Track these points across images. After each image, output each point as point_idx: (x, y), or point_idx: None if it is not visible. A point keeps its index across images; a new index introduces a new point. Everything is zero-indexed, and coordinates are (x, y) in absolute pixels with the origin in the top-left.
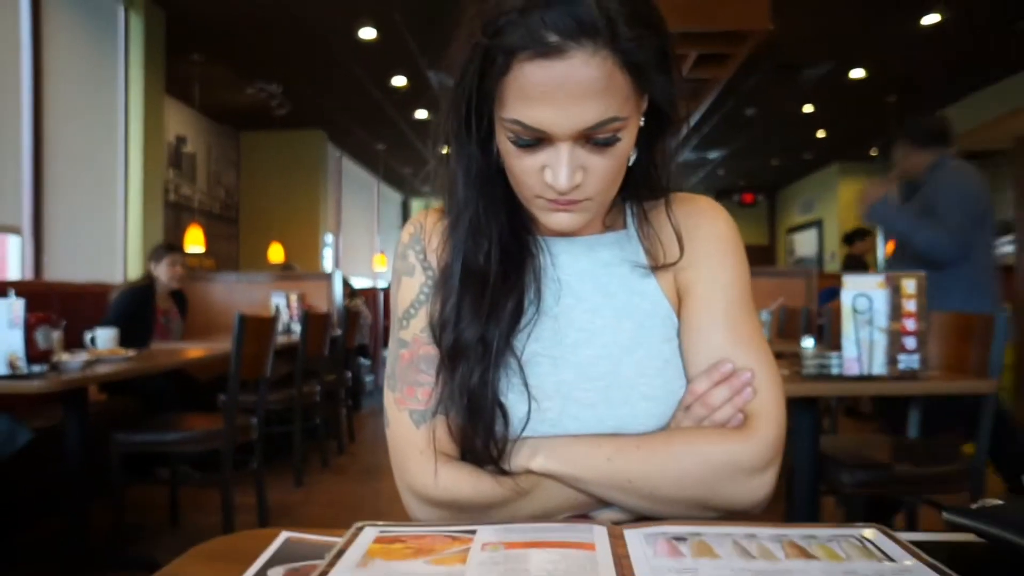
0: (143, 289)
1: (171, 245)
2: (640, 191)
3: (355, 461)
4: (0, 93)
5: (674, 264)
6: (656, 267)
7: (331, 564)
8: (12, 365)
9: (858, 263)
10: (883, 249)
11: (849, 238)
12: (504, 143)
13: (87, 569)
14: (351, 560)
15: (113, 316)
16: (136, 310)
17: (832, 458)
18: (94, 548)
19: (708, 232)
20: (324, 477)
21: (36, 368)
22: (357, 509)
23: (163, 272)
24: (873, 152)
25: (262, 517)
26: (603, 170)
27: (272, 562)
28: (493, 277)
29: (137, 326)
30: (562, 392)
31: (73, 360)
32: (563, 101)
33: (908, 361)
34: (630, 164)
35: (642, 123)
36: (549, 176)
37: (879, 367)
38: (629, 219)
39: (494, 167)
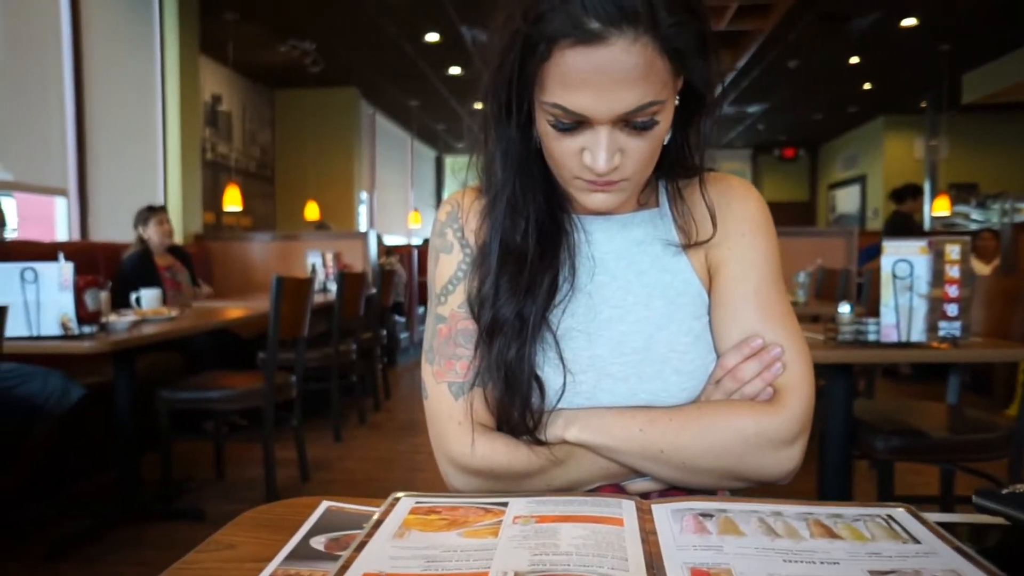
0: (139, 254)
1: (153, 206)
2: (674, 169)
3: (391, 417)
4: (42, 60)
5: (706, 242)
6: (688, 245)
7: (369, 535)
8: (64, 326)
9: (906, 222)
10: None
11: (898, 195)
12: (544, 126)
13: (138, 519)
14: (388, 531)
15: (121, 288)
16: (140, 275)
17: (866, 423)
18: (145, 499)
19: (740, 211)
20: (361, 433)
21: (86, 329)
22: (394, 464)
23: (153, 233)
24: (923, 104)
25: (303, 471)
26: (640, 152)
27: (314, 531)
28: (530, 255)
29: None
30: (596, 366)
31: (120, 321)
32: (604, 87)
33: (949, 328)
34: (665, 143)
35: (677, 102)
36: (588, 158)
37: (918, 334)
38: (663, 197)
39: (532, 149)
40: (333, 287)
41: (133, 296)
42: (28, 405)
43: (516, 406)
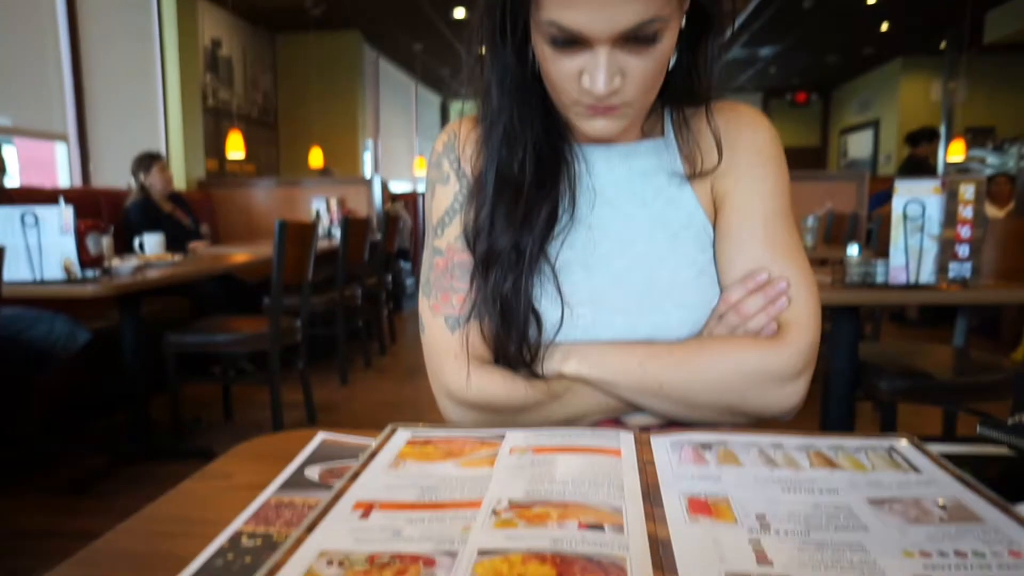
0: (143, 201)
1: (152, 153)
2: (680, 96)
3: (396, 361)
4: (36, 3)
5: (712, 171)
6: (693, 175)
7: (365, 464)
8: (67, 270)
9: (921, 166)
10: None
11: (913, 138)
12: (540, 47)
13: (151, 457)
14: (384, 461)
15: (127, 235)
16: (146, 221)
17: (871, 365)
18: (156, 440)
19: (750, 141)
20: (367, 376)
21: (90, 273)
22: (399, 406)
23: (156, 180)
24: (942, 46)
25: (309, 413)
26: (642, 73)
27: (309, 462)
28: (527, 185)
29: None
30: (595, 299)
31: (124, 265)
32: (602, 2)
33: (959, 270)
34: (670, 68)
35: (683, 25)
36: (587, 81)
37: (927, 275)
38: (668, 126)
39: (529, 74)
40: (337, 233)
41: (136, 241)
42: (36, 348)
43: (513, 340)
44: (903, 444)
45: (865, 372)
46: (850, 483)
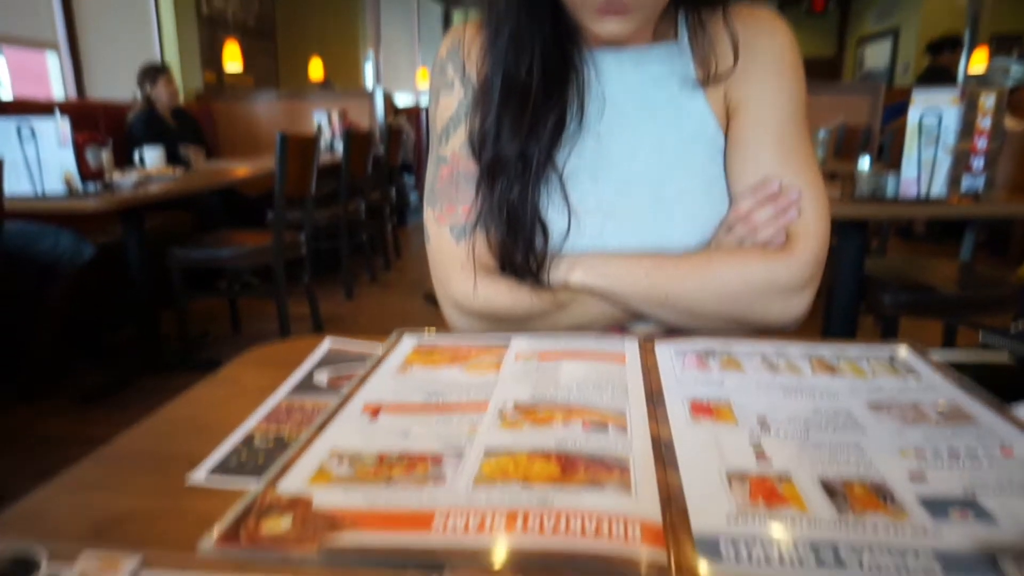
0: (148, 113)
1: (157, 65)
2: None
3: (401, 276)
4: None
5: (726, 77)
6: (707, 81)
7: (372, 370)
8: (68, 184)
9: (941, 76)
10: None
11: (935, 47)
12: None
13: (160, 370)
14: (391, 366)
15: (130, 148)
16: (151, 134)
17: (875, 279)
18: (165, 353)
19: (766, 47)
20: (372, 290)
21: (91, 187)
22: (404, 319)
23: (162, 92)
24: None
25: (316, 326)
26: None
27: (318, 366)
28: (535, 92)
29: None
30: (603, 208)
31: (125, 179)
32: None
33: (972, 183)
34: None
35: None
36: None
37: (939, 189)
38: (682, 29)
39: None
40: (340, 147)
41: (136, 154)
42: (42, 263)
43: (519, 249)
44: (904, 351)
45: (869, 286)
46: (850, 388)
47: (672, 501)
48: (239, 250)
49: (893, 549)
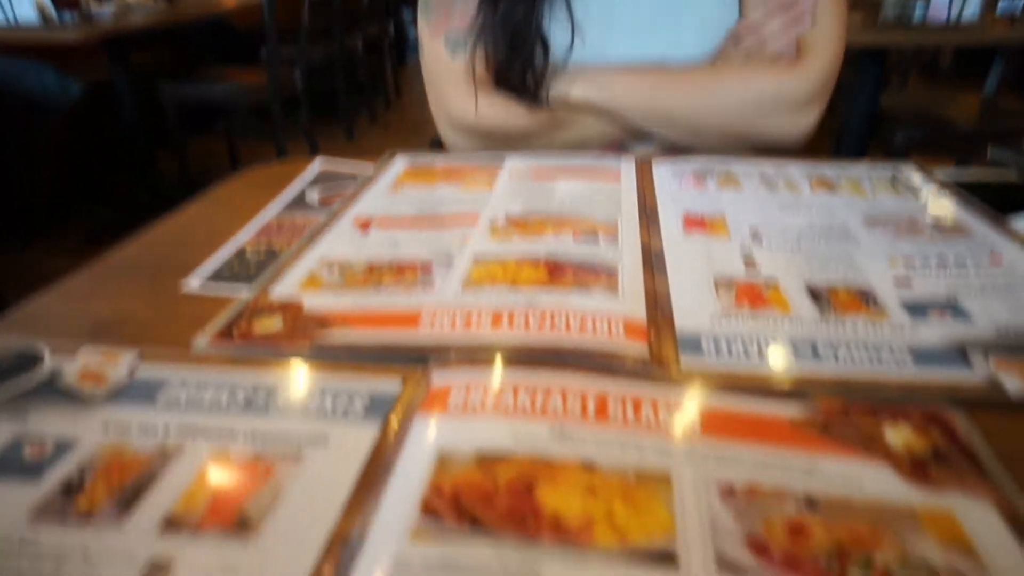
0: None
1: None
2: None
3: (402, 117)
4: None
5: None
6: None
7: (364, 187)
8: (41, 12)
9: None
10: None
11: None
12: None
13: (162, 207)
14: (383, 185)
15: None
16: None
17: (889, 114)
18: (164, 191)
19: None
20: (373, 131)
21: (67, 17)
22: None
23: None
24: None
25: None
26: None
27: (309, 186)
28: None
29: None
30: (606, 19)
31: (103, 8)
32: None
33: (1010, 4)
34: None
35: None
36: None
37: (972, 11)
38: None
39: None
40: None
41: None
42: (29, 101)
43: (518, 66)
44: (908, 169)
45: (882, 122)
46: (848, 205)
47: (658, 303)
48: (234, 88)
49: (869, 344)
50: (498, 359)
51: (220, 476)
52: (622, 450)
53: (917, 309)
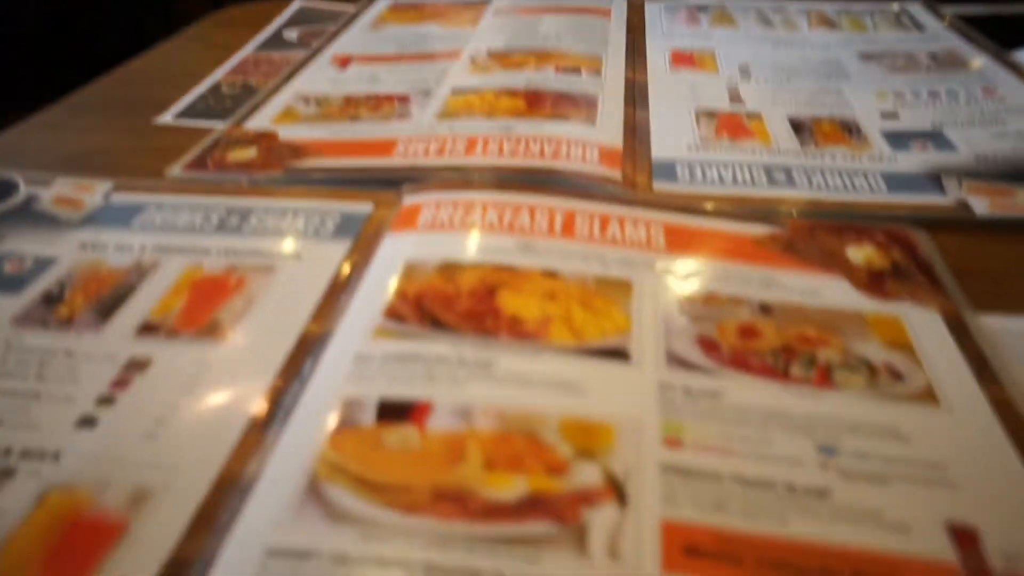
0: None
1: None
2: None
3: None
4: None
5: None
6: None
7: (345, 26)
8: None
9: None
10: None
11: None
12: None
13: None
14: (364, 23)
15: None
16: None
17: None
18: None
19: None
20: None
21: None
22: None
23: None
24: None
25: None
26: None
27: (288, 24)
28: None
29: None
30: None
31: None
32: None
33: None
34: None
35: None
36: None
37: None
38: None
39: None
40: None
41: None
42: None
43: None
44: (915, 6)
45: None
46: (845, 40)
47: (636, 133)
48: None
49: (845, 172)
50: (470, 180)
51: (194, 286)
52: (585, 261)
53: (900, 140)
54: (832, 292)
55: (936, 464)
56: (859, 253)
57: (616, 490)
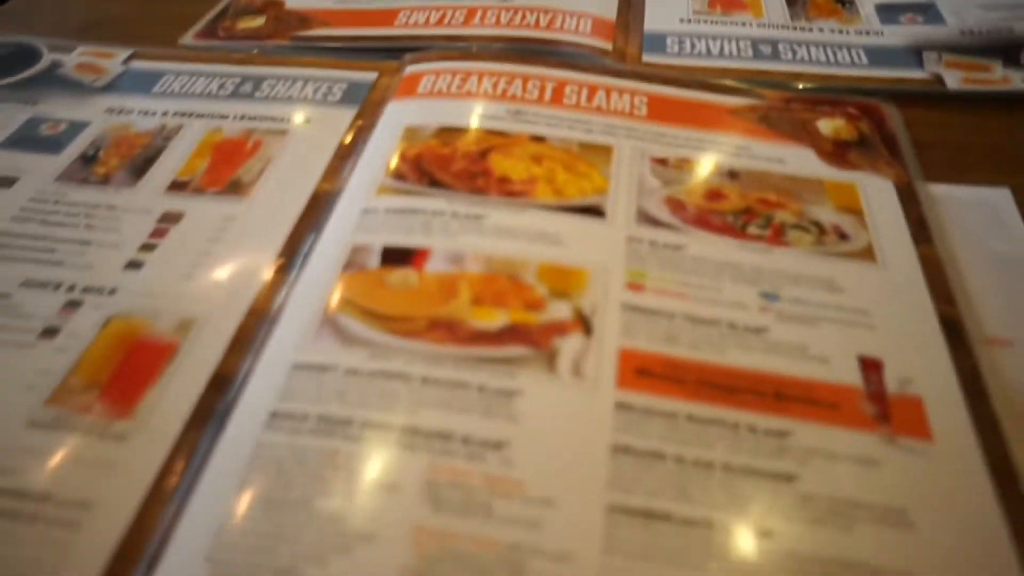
0: None
1: None
2: None
3: None
4: None
5: None
6: None
7: None
8: None
9: None
10: None
11: None
12: None
13: None
14: None
15: None
16: None
17: None
18: None
19: None
20: None
21: None
22: None
23: None
24: None
25: None
26: None
27: None
28: None
29: None
30: None
31: None
32: None
33: None
34: None
35: None
36: None
37: None
38: None
39: None
40: None
41: None
42: None
43: None
44: None
45: None
46: None
47: (632, 4)
48: None
49: (830, 45)
50: (468, 52)
51: (216, 148)
52: (571, 128)
53: (891, 13)
54: (797, 160)
55: (862, 311)
56: (829, 125)
57: (583, 323)
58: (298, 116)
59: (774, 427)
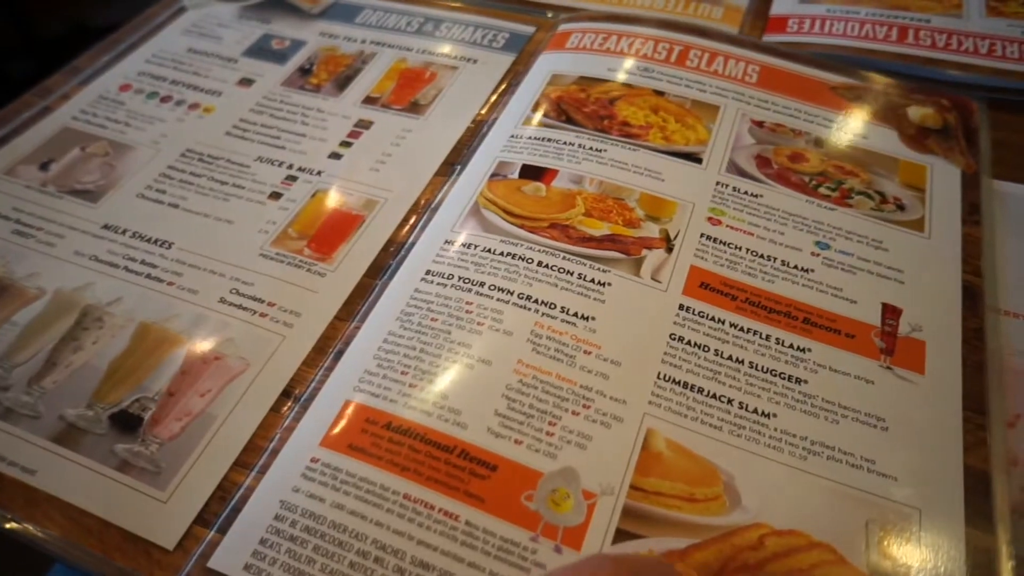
0: None
1: None
2: None
3: None
4: None
5: None
6: None
7: None
8: None
9: None
10: None
11: None
12: None
13: None
14: None
15: None
16: None
17: None
18: None
19: None
20: None
21: None
22: None
23: None
24: None
25: None
26: None
27: None
28: None
29: None
30: None
31: None
32: None
33: None
34: None
35: None
36: None
37: None
38: None
39: None
40: None
41: None
42: None
43: None
44: None
45: None
46: None
47: None
48: None
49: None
50: (613, 15)
51: (401, 74)
52: (688, 86)
53: None
54: (879, 138)
55: (898, 269)
56: (918, 112)
57: (668, 242)
58: (468, 56)
59: (797, 343)
